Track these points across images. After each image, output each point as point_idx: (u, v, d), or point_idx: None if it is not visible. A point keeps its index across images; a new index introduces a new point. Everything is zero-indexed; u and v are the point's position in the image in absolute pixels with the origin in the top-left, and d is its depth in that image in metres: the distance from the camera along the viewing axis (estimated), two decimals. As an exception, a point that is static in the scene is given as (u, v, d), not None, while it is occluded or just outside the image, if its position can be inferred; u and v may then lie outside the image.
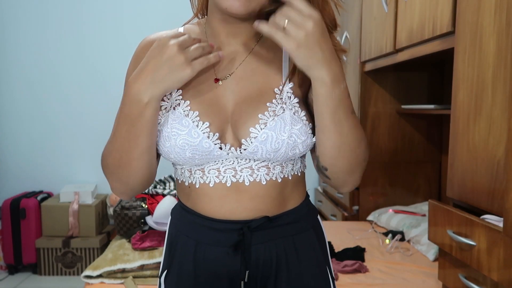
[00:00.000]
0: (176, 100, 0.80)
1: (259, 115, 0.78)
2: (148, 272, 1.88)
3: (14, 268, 3.18)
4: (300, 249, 0.85)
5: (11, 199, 3.17)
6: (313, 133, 0.81)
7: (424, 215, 2.34)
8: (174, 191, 2.23)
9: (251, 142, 0.78)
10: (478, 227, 1.16)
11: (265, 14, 0.78)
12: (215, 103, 0.80)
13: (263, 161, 0.80)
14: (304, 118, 0.80)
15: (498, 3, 1.16)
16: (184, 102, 0.79)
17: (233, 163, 0.80)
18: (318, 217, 0.94)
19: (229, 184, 0.80)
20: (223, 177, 0.80)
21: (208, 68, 0.80)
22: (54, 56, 3.37)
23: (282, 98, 0.80)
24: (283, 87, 0.81)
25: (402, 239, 2.19)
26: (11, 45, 3.35)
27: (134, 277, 1.85)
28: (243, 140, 0.78)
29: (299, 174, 0.87)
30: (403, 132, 2.67)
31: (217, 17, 0.82)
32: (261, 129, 0.77)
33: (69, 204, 3.10)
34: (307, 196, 0.92)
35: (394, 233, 2.23)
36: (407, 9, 1.94)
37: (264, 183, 0.81)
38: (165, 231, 0.94)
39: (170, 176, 2.44)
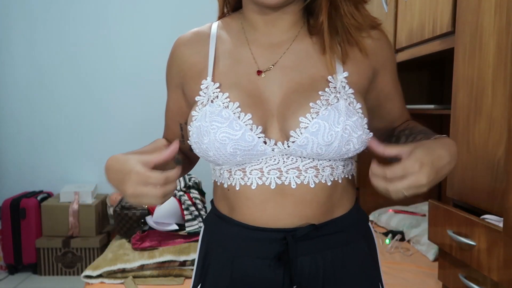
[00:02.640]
0: (213, 93, 0.74)
1: (311, 104, 0.71)
2: (148, 272, 1.88)
3: (14, 268, 3.18)
4: (349, 262, 0.77)
5: (11, 199, 3.16)
6: (368, 128, 0.74)
7: (424, 215, 2.34)
8: (174, 191, 2.23)
9: (301, 133, 0.70)
10: (478, 227, 1.16)
11: (302, 1, 0.77)
12: (257, 95, 0.74)
13: (311, 161, 0.73)
14: (360, 110, 0.73)
15: (498, 3, 1.16)
16: (223, 94, 0.73)
17: (278, 163, 0.72)
18: (370, 224, 0.87)
19: (274, 187, 0.73)
20: (267, 178, 0.73)
21: (247, 59, 0.77)
22: (54, 56, 3.37)
23: (336, 87, 0.73)
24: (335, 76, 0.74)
25: (402, 239, 2.19)
26: (10, 45, 3.35)
27: (134, 277, 1.85)
28: (291, 132, 0.70)
29: (350, 178, 0.80)
30: (403, 132, 2.66)
31: (253, 9, 0.77)
32: (313, 118, 0.70)
33: (69, 204, 3.10)
34: (357, 200, 0.84)
35: (394, 233, 2.22)
36: (407, 9, 1.94)
37: (312, 186, 0.73)
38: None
39: (170, 176, 2.44)
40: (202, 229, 0.87)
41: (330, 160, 0.74)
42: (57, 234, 3.11)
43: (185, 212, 2.10)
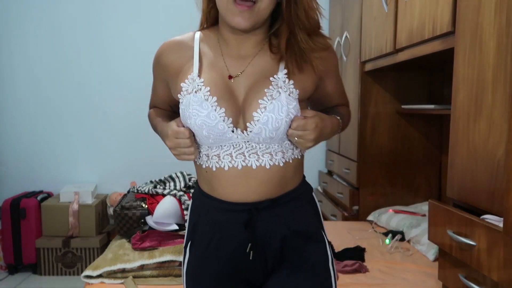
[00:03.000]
0: (198, 85, 0.95)
1: (259, 101, 0.93)
2: (148, 272, 1.88)
3: (14, 268, 3.18)
4: (298, 220, 1.02)
5: (11, 199, 3.16)
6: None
7: (424, 215, 2.34)
8: (174, 191, 2.23)
9: (255, 125, 0.92)
10: (478, 227, 1.16)
11: (267, 26, 1.00)
12: (230, 94, 0.95)
13: (266, 148, 0.95)
14: (297, 96, 0.96)
15: (498, 3, 1.16)
16: (205, 88, 0.94)
17: (242, 148, 0.95)
18: (313, 193, 1.10)
19: (240, 168, 0.95)
20: (235, 162, 0.95)
21: (222, 67, 0.98)
22: (55, 56, 3.37)
23: (277, 83, 0.94)
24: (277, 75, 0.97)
25: (402, 239, 2.19)
26: (13, 46, 3.35)
27: (134, 277, 1.85)
28: (248, 124, 0.93)
29: (299, 157, 1.03)
30: (403, 132, 2.66)
31: (227, 29, 0.98)
32: (262, 112, 0.92)
33: (69, 204, 3.10)
34: (304, 177, 1.08)
35: (394, 233, 2.23)
36: (407, 9, 1.94)
37: (268, 167, 0.96)
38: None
39: (170, 176, 2.44)
40: (191, 202, 1.10)
41: (281, 146, 0.97)
42: (57, 234, 3.11)
43: (185, 212, 2.10)
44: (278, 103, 0.92)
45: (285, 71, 0.96)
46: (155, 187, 2.37)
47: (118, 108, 3.40)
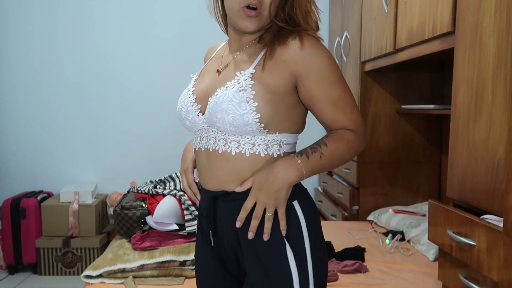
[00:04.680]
0: (191, 83, 1.14)
1: (217, 89, 1.01)
2: (148, 272, 1.88)
3: (14, 268, 3.18)
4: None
5: (11, 199, 3.16)
6: (259, 112, 0.96)
7: (424, 215, 2.34)
8: (174, 191, 2.23)
9: (209, 108, 1.00)
10: (478, 227, 1.16)
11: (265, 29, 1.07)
12: (209, 87, 1.07)
13: (222, 134, 1.00)
14: (251, 96, 0.96)
15: (498, 3, 1.16)
16: (194, 83, 1.13)
17: (206, 133, 1.04)
18: (296, 202, 1.06)
19: (203, 150, 1.05)
20: (200, 143, 1.06)
21: (217, 62, 1.12)
22: (55, 56, 3.37)
23: (239, 79, 0.99)
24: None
25: (402, 239, 2.19)
26: (12, 46, 3.35)
27: (134, 277, 1.85)
28: (206, 110, 1.03)
29: (262, 156, 0.99)
30: (403, 132, 2.67)
31: (232, 29, 1.10)
32: (211, 99, 1.00)
33: (69, 204, 3.10)
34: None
35: (394, 233, 2.22)
36: (407, 9, 1.94)
37: (220, 152, 1.01)
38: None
39: (170, 176, 2.44)
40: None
41: (251, 138, 0.98)
42: (57, 234, 3.10)
43: (185, 212, 2.10)
44: (227, 93, 0.97)
45: (253, 70, 1.00)
46: (155, 187, 2.37)
47: (118, 108, 3.40)
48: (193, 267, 1.89)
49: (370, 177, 2.65)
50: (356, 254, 1.99)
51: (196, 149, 1.08)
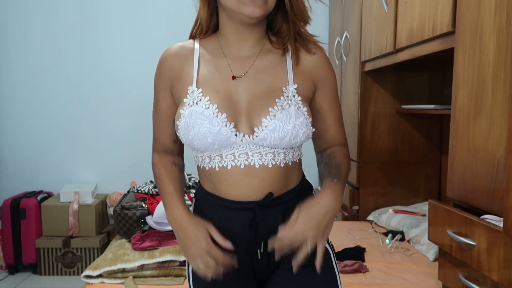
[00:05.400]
0: (197, 96, 0.97)
1: (270, 109, 0.95)
2: (148, 272, 1.88)
3: (14, 268, 3.18)
4: None
5: (11, 199, 3.16)
6: (312, 126, 1.00)
7: (424, 215, 2.34)
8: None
9: (263, 130, 0.94)
10: (478, 227, 1.16)
11: (265, 23, 1.03)
12: (230, 98, 0.98)
13: (269, 149, 0.97)
14: (306, 113, 0.98)
15: (498, 3, 1.16)
16: (205, 97, 0.97)
17: (245, 149, 0.96)
18: (313, 192, 1.11)
19: (243, 167, 0.97)
20: (238, 160, 0.97)
21: (224, 67, 1.01)
22: (55, 56, 3.37)
23: (288, 95, 0.97)
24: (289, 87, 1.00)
25: (402, 239, 2.19)
26: (13, 45, 3.35)
27: (134, 277, 1.85)
28: (256, 129, 0.95)
29: (297, 161, 1.05)
30: (403, 132, 2.67)
31: (230, 29, 1.02)
32: (271, 119, 0.94)
33: (69, 204, 3.10)
34: (303, 176, 1.09)
35: (394, 233, 2.22)
36: (407, 9, 1.94)
37: (270, 166, 0.98)
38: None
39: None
40: (193, 202, 1.10)
41: (283, 148, 0.98)
42: (57, 234, 3.10)
43: (185, 212, 2.10)
44: (287, 114, 0.95)
45: (296, 85, 0.99)
46: (155, 187, 2.37)
47: (118, 108, 3.40)
48: (193, 267, 1.90)
49: (370, 177, 2.65)
50: (356, 254, 1.99)
51: (225, 166, 0.98)
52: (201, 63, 1.03)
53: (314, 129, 1.00)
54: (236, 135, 0.95)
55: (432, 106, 2.20)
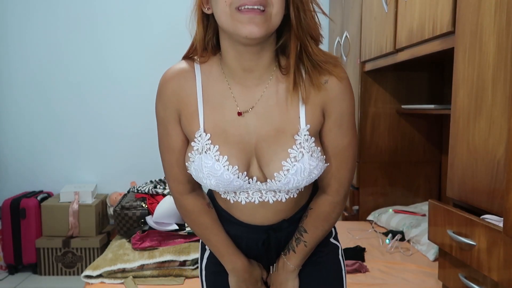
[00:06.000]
0: (206, 144, 0.91)
1: (282, 162, 0.90)
2: (148, 272, 1.88)
3: (14, 268, 3.18)
4: None
5: (11, 199, 3.16)
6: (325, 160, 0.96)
7: (424, 215, 2.34)
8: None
9: (276, 183, 0.92)
10: (478, 227, 1.16)
11: (274, 44, 0.90)
12: (239, 142, 0.92)
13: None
14: (320, 154, 0.93)
15: (498, 3, 1.16)
16: (214, 147, 0.91)
17: (259, 188, 0.96)
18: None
19: (257, 203, 0.98)
20: (252, 198, 0.97)
21: (230, 102, 0.91)
22: (55, 56, 3.37)
23: (301, 142, 0.90)
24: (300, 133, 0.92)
25: (402, 239, 2.19)
26: (13, 45, 3.35)
27: (134, 277, 1.85)
28: (269, 180, 0.93)
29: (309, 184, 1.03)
30: (403, 132, 2.67)
31: (231, 55, 0.89)
32: (285, 175, 0.90)
33: (69, 204, 3.10)
34: (314, 188, 1.08)
35: (394, 233, 2.22)
36: (407, 9, 1.94)
37: (284, 201, 0.98)
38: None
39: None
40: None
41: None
42: (57, 234, 3.10)
43: (185, 212, 2.10)
44: (301, 166, 0.90)
45: (307, 126, 0.90)
46: (155, 187, 2.37)
47: (118, 108, 3.40)
48: (193, 267, 1.90)
49: (370, 177, 2.65)
50: (356, 254, 1.99)
51: (239, 201, 0.99)
52: (205, 97, 0.92)
53: (327, 164, 0.95)
54: (249, 182, 0.93)
55: (432, 106, 2.20)
